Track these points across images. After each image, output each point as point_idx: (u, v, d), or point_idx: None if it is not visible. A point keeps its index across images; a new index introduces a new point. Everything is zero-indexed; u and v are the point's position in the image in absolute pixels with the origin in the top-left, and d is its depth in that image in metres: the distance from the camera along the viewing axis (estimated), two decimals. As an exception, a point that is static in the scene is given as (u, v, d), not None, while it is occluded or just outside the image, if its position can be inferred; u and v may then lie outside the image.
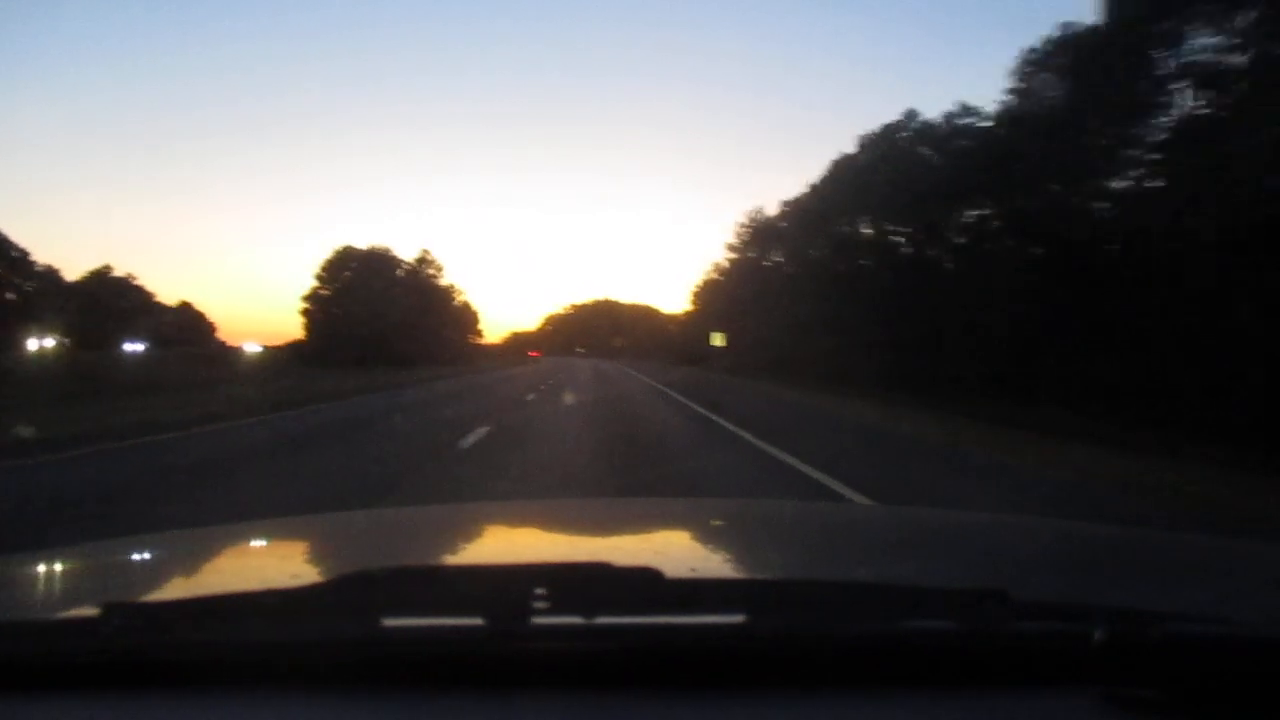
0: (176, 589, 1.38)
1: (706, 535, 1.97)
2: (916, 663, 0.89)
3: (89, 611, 0.91)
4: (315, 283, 73.47)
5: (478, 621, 0.88)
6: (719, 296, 62.71)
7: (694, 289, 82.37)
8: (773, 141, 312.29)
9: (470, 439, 11.42)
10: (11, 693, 0.87)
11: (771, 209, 54.56)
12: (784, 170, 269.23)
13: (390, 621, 0.91)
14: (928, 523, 2.29)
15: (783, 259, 49.45)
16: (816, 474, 8.61)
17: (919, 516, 2.79)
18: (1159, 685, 0.84)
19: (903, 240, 33.48)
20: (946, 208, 27.46)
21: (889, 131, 34.19)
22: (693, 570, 1.34)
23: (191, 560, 1.58)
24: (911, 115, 33.36)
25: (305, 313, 73.95)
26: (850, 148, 37.24)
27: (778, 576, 1.47)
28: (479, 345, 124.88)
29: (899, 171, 30.19)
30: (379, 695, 0.85)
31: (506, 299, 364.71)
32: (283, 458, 10.16)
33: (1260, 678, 0.84)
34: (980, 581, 1.00)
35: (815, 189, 41.80)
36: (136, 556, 1.62)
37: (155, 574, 1.50)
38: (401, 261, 78.61)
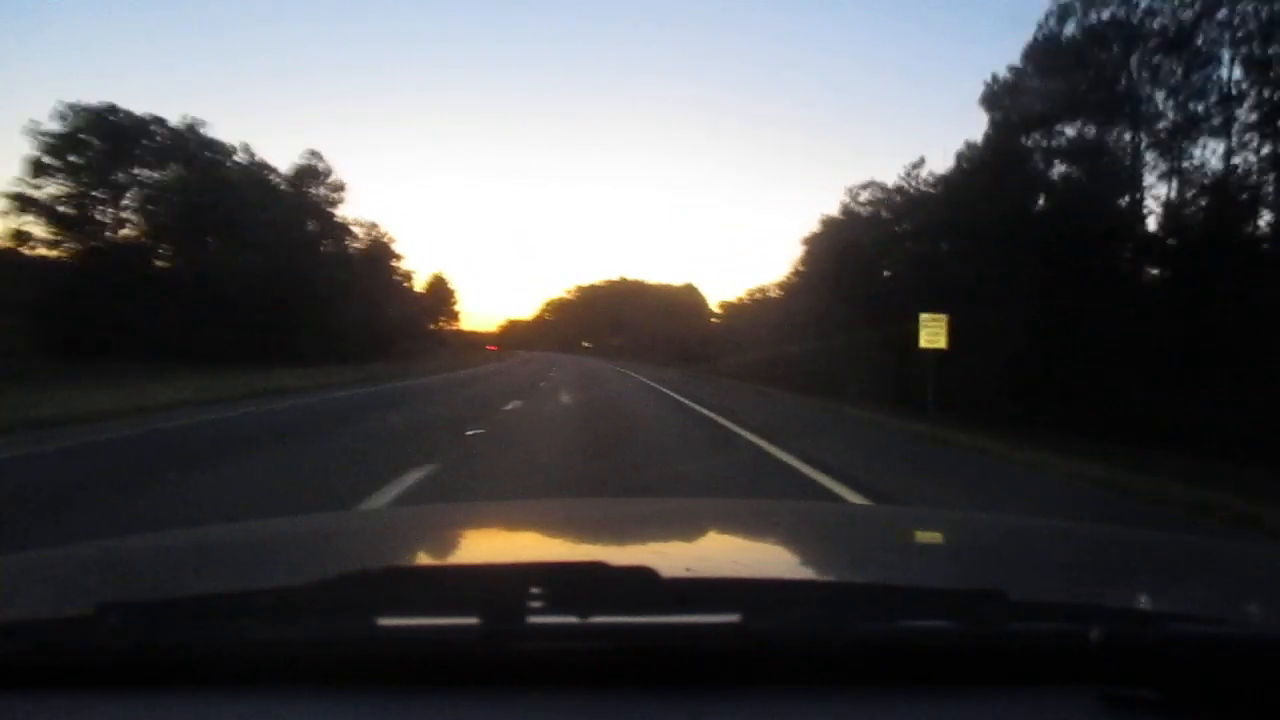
0: (172, 588, 1.36)
1: (703, 535, 1.96)
2: (915, 663, 0.89)
3: (84, 610, 0.90)
4: (30, 179, 34.84)
5: (473, 621, 0.88)
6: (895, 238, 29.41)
7: (809, 237, 43.84)
8: (849, 113, 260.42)
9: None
10: (8, 692, 0.87)
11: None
12: (868, 151, 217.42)
13: (386, 621, 0.91)
14: (927, 523, 2.28)
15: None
16: None
17: (919, 516, 2.79)
18: (1157, 685, 0.84)
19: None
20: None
21: None
22: (688, 570, 1.32)
23: (188, 559, 1.58)
24: None
25: (18, 239, 35.96)
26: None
27: (774, 576, 1.45)
28: (455, 333, 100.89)
29: None
30: (374, 695, 0.85)
31: (506, 283, 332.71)
32: None
33: (1259, 678, 0.84)
34: (979, 581, 1.00)
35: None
36: (133, 555, 1.61)
37: (151, 573, 1.48)
38: (264, 167, 44.06)
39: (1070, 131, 23.62)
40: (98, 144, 37.00)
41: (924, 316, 20.32)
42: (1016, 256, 22.96)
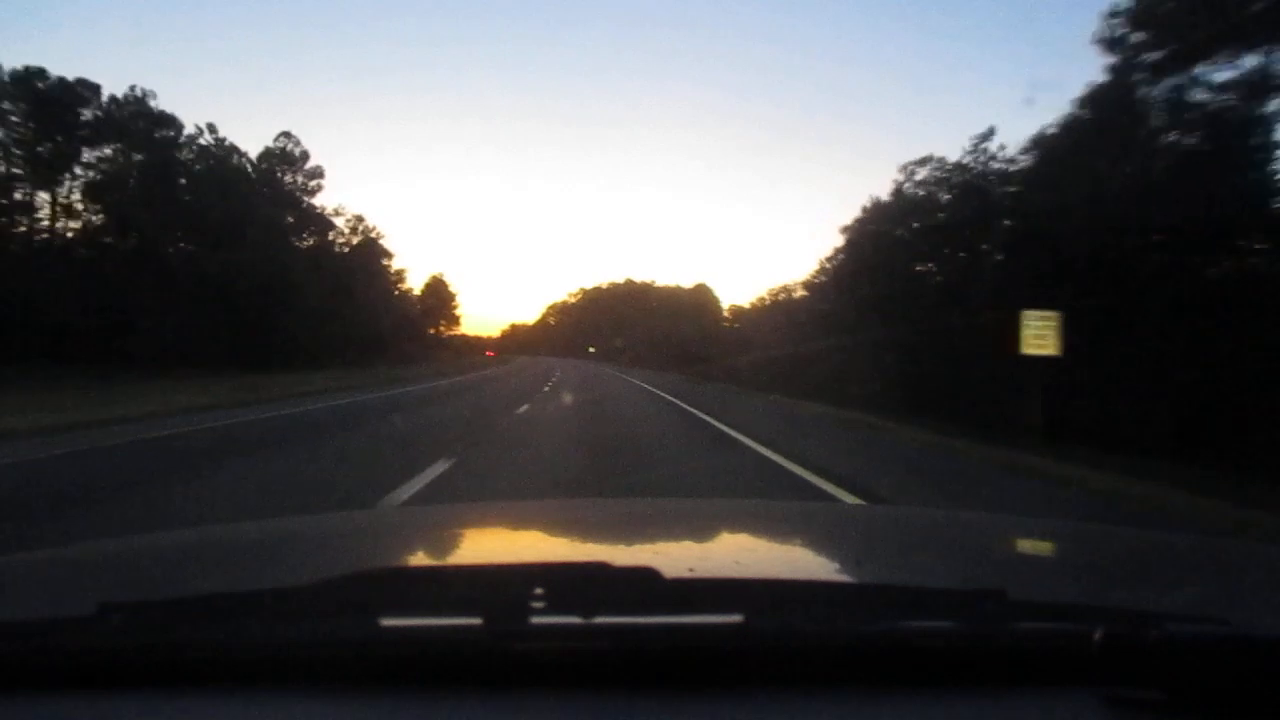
0: (174, 588, 1.36)
1: (705, 535, 1.96)
2: (915, 663, 0.89)
3: (84, 610, 0.90)
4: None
5: (476, 621, 0.88)
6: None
7: (848, 225, 33.57)
8: (855, 116, 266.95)
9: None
10: (9, 692, 0.87)
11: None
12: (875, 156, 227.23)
13: (388, 621, 0.91)
14: (928, 523, 2.27)
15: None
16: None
17: (919, 516, 2.76)
18: (1159, 686, 0.83)
19: None
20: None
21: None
22: (691, 570, 1.32)
23: (190, 559, 1.57)
24: None
25: None
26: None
27: (776, 576, 1.43)
28: (456, 337, 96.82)
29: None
30: (377, 695, 0.85)
31: (511, 287, 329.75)
32: None
33: (1260, 678, 0.83)
34: (980, 581, 0.99)
35: None
36: (133, 555, 1.60)
37: (153, 573, 1.47)
38: (232, 150, 38.89)
39: (1222, 76, 18.07)
40: (22, 113, 31.85)
41: (1028, 314, 15.36)
42: (1151, 230, 17.69)
